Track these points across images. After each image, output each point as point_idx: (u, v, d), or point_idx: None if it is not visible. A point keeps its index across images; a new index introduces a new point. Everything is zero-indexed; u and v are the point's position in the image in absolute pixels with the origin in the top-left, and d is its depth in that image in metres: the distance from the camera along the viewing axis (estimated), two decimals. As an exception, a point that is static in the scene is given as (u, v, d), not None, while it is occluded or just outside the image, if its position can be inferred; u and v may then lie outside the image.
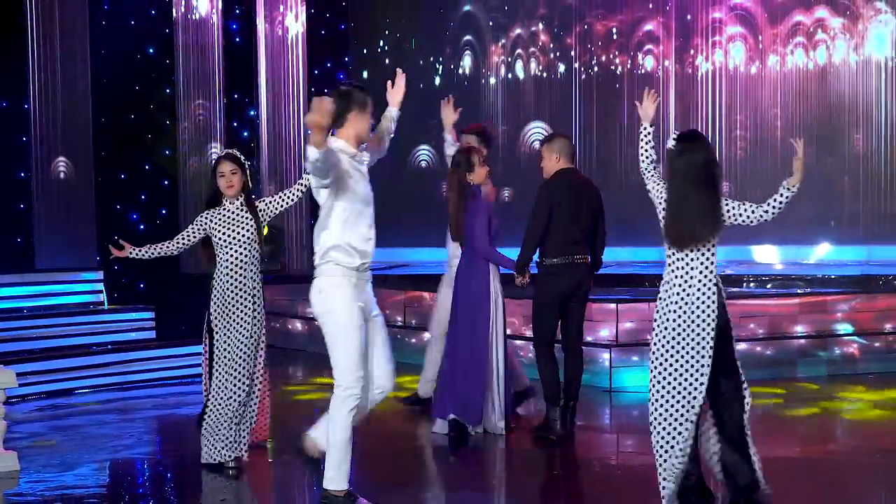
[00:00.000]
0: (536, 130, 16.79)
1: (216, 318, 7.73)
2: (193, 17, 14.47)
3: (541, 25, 17.13)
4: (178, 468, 8.14)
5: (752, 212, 6.58)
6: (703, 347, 6.36)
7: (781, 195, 6.58)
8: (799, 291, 12.44)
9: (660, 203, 6.63)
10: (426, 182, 17.01)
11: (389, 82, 6.79)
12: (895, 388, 10.86)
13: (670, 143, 6.56)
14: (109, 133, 13.67)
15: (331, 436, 6.46)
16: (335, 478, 6.50)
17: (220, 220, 7.77)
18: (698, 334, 6.38)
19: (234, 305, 7.70)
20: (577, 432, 8.73)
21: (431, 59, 17.54)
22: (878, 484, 7.52)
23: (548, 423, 8.69)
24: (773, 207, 6.59)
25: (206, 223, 7.80)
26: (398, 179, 16.60)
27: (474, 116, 16.95)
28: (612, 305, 11.32)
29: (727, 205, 6.55)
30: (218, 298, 7.74)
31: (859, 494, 7.25)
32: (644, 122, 7.00)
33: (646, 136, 6.94)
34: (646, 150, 6.87)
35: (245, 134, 15.19)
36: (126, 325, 12.25)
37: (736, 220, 6.58)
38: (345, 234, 6.49)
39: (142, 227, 14.17)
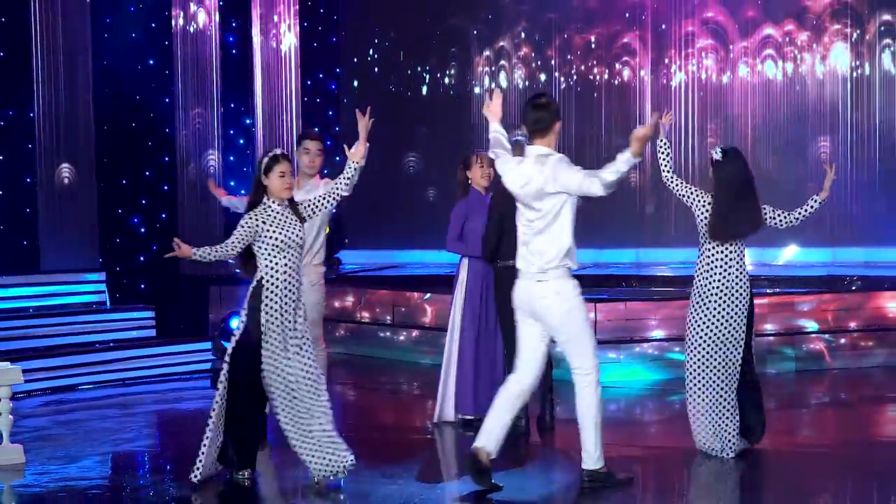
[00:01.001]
0: (519, 138, 16.78)
1: (271, 329, 6.93)
2: (192, 30, 14.45)
3: (523, 35, 17.16)
4: (177, 460, 8.13)
5: (785, 216, 7.71)
6: (740, 324, 7.49)
7: (810, 206, 7.77)
8: (768, 291, 12.46)
9: (702, 204, 7.55)
10: (414, 187, 17.02)
11: (488, 99, 7.23)
12: (859, 383, 10.90)
13: (717, 156, 7.48)
14: (111, 140, 13.63)
15: (594, 417, 6.81)
16: (601, 457, 6.87)
17: (272, 221, 6.94)
18: (737, 313, 7.47)
19: (290, 314, 6.97)
20: (557, 425, 8.74)
21: (419, 69, 17.55)
22: (843, 475, 7.55)
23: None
24: (801, 215, 7.76)
25: (256, 225, 6.93)
26: (387, 184, 16.60)
27: (460, 124, 16.98)
28: (591, 304, 11.32)
29: (764, 208, 7.60)
30: (272, 307, 6.92)
31: (824, 484, 7.27)
32: (660, 135, 7.82)
33: (662, 148, 7.84)
34: (666, 161, 7.82)
35: (241, 142, 15.16)
36: (127, 324, 12.23)
37: (771, 221, 7.68)
38: (572, 240, 6.84)
39: (142, 230, 14.14)
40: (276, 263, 6.93)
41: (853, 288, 12.59)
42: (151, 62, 14.42)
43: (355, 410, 9.98)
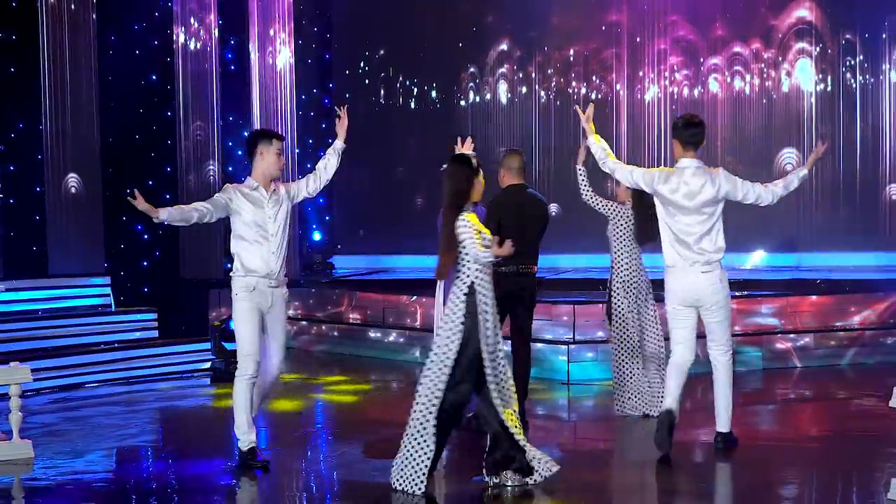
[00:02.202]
0: (503, 149, 16.86)
1: (490, 330, 6.62)
2: (192, 47, 14.47)
3: (506, 51, 17.20)
4: (178, 454, 8.14)
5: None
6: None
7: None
8: (736, 294, 12.50)
9: (625, 216, 8.58)
10: (402, 195, 17.04)
11: (578, 111, 7.92)
12: (822, 380, 10.95)
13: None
14: (116, 152, 13.63)
15: (729, 384, 7.49)
16: (729, 420, 7.58)
17: (476, 226, 6.59)
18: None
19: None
20: (538, 420, 8.76)
21: (407, 83, 17.58)
22: (807, 467, 7.59)
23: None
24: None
25: (473, 226, 6.55)
26: (377, 193, 16.63)
27: (447, 135, 16.98)
28: (570, 307, 11.37)
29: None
30: (488, 310, 6.62)
31: (787, 476, 7.31)
32: (579, 163, 8.75)
33: (582, 173, 8.81)
34: (584, 184, 8.84)
35: (239, 153, 15.17)
36: (131, 326, 12.23)
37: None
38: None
39: (146, 236, 14.14)
40: (476, 266, 6.62)
41: (817, 291, 12.64)
42: (154, 77, 14.43)
43: (347, 407, 10.00)
